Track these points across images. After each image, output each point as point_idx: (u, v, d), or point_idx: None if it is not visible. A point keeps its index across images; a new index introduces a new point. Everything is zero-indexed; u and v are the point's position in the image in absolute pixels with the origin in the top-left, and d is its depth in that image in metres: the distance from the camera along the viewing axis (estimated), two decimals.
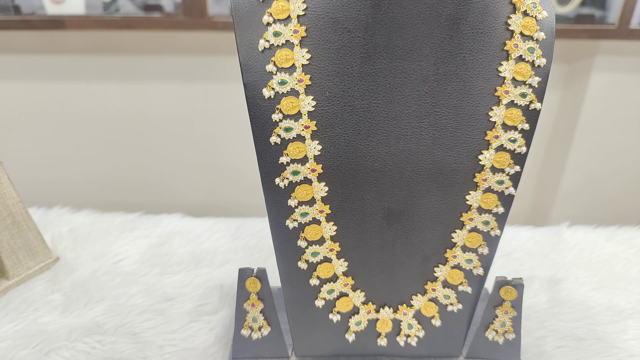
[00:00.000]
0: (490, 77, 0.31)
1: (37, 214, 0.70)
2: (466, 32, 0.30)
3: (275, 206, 0.34)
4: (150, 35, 0.97)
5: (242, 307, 0.42)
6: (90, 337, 0.48)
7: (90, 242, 0.65)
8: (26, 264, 0.57)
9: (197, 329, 0.50)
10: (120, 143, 1.09)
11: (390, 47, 0.30)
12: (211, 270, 0.60)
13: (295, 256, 0.37)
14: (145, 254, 0.63)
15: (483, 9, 0.30)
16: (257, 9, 0.30)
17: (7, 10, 0.94)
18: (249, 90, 0.31)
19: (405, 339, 0.42)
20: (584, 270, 0.62)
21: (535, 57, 0.31)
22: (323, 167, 0.33)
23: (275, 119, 0.31)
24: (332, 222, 0.35)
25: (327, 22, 0.30)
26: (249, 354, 0.44)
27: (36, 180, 1.11)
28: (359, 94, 0.31)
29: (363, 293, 0.39)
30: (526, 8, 0.30)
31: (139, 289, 0.55)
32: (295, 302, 0.40)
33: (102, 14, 0.96)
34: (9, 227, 0.55)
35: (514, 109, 0.32)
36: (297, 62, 0.30)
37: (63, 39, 0.97)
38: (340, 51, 0.30)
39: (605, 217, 1.18)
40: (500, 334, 0.43)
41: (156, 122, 1.06)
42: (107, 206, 0.77)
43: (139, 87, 1.02)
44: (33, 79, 1.01)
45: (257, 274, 0.41)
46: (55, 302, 0.53)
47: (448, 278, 0.38)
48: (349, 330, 0.41)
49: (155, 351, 0.47)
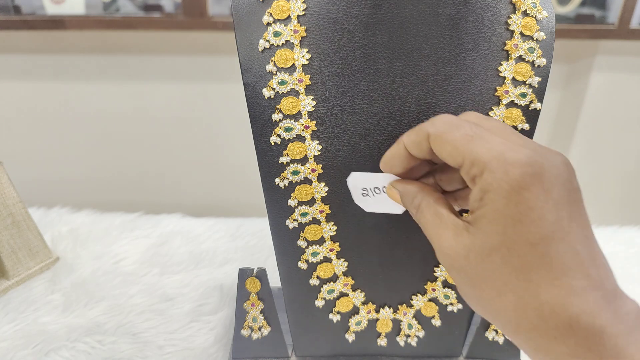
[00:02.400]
0: (490, 77, 0.31)
1: (37, 214, 0.70)
2: (466, 32, 0.30)
3: (275, 206, 0.34)
4: (150, 35, 0.97)
5: (242, 307, 0.42)
6: (90, 337, 0.48)
7: (90, 242, 0.65)
8: (26, 264, 0.57)
9: (197, 329, 0.50)
10: (120, 143, 1.09)
11: (390, 47, 0.30)
12: (211, 270, 0.60)
13: (295, 256, 0.37)
14: (145, 254, 0.63)
15: (483, 9, 0.30)
16: (257, 9, 0.30)
17: (7, 10, 0.94)
18: (249, 90, 0.31)
19: (405, 339, 0.42)
20: None
21: (535, 57, 0.31)
22: (323, 167, 0.33)
23: (275, 119, 0.31)
24: (332, 222, 0.35)
25: (327, 22, 0.30)
26: (249, 354, 0.44)
27: (36, 180, 1.12)
28: (359, 94, 0.31)
29: (363, 293, 0.39)
30: (526, 8, 0.30)
31: (139, 289, 0.56)
32: (295, 302, 0.40)
33: (102, 14, 0.96)
34: (9, 227, 0.55)
35: (514, 108, 0.32)
36: (297, 62, 0.30)
37: (63, 39, 0.97)
38: (340, 51, 0.30)
39: (605, 217, 1.19)
40: (500, 334, 0.43)
41: (156, 122, 1.06)
42: (107, 206, 0.77)
43: (139, 87, 1.02)
44: (33, 79, 1.01)
45: (257, 273, 0.41)
46: (55, 302, 0.53)
47: (448, 278, 0.38)
48: (349, 330, 0.41)
49: (155, 351, 0.47)
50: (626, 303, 0.20)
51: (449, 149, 0.23)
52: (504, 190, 0.20)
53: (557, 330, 0.20)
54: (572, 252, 0.20)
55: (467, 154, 0.22)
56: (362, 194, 0.30)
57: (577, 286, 0.20)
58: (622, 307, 0.20)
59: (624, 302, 0.20)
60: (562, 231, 0.20)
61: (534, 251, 0.20)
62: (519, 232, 0.20)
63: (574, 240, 0.20)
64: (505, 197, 0.20)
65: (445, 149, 0.23)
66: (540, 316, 0.20)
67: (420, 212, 0.26)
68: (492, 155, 0.21)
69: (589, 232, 0.21)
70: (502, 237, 0.21)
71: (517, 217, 0.20)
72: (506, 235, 0.20)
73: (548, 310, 0.20)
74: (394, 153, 0.27)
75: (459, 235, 0.23)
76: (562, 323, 0.20)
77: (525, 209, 0.20)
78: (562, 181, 0.20)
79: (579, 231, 0.20)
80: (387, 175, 0.29)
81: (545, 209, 0.20)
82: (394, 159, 0.27)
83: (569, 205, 0.20)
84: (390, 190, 0.29)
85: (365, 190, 0.30)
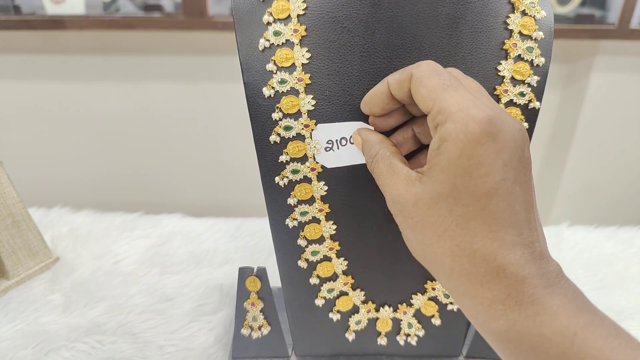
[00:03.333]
0: (489, 76, 0.31)
1: (37, 214, 0.70)
2: (465, 32, 0.30)
3: (275, 205, 0.34)
4: (150, 35, 0.97)
5: (242, 306, 0.42)
6: (90, 337, 0.48)
7: (90, 242, 0.65)
8: (26, 264, 0.57)
9: (197, 329, 0.50)
10: (120, 143, 1.09)
11: (390, 46, 0.30)
12: (211, 270, 0.60)
13: (295, 255, 0.37)
14: (145, 254, 0.63)
15: (482, 9, 0.30)
16: (257, 8, 0.30)
17: (7, 10, 0.94)
18: (249, 89, 0.31)
19: (405, 338, 0.42)
20: (584, 270, 0.62)
21: (534, 57, 0.31)
22: (322, 165, 0.33)
23: (275, 117, 0.31)
24: (331, 221, 0.35)
25: (327, 22, 0.30)
26: (249, 353, 0.44)
27: (36, 180, 1.12)
28: (359, 93, 0.31)
29: (363, 292, 0.39)
30: (525, 7, 0.30)
31: (139, 289, 0.56)
32: (295, 301, 0.40)
33: (102, 14, 0.96)
34: (9, 227, 0.55)
35: (513, 108, 0.32)
36: (297, 61, 0.30)
37: (63, 39, 0.97)
38: (340, 50, 0.30)
39: (605, 217, 1.19)
40: None
41: (156, 122, 1.06)
42: (107, 206, 0.77)
43: (139, 87, 1.03)
44: (33, 79, 1.01)
45: (257, 273, 0.41)
46: (55, 302, 0.53)
47: None
48: (349, 330, 0.41)
49: (155, 351, 0.47)
50: (550, 263, 0.22)
51: (424, 92, 0.24)
52: (460, 141, 0.21)
53: (485, 276, 0.22)
54: (511, 210, 0.22)
55: (438, 101, 0.23)
56: (326, 148, 0.32)
57: (508, 241, 0.22)
58: (545, 267, 0.22)
59: (548, 263, 0.22)
60: (505, 190, 0.22)
61: (476, 203, 0.22)
62: (466, 184, 0.22)
63: (514, 201, 0.22)
64: (460, 148, 0.21)
65: (420, 92, 0.24)
66: (472, 262, 0.22)
67: (375, 163, 0.27)
68: (459, 107, 0.22)
69: (530, 197, 0.23)
70: (450, 186, 0.22)
71: (467, 169, 0.21)
72: (454, 185, 0.22)
73: (480, 257, 0.22)
74: (376, 92, 0.28)
75: (411, 185, 0.24)
76: (491, 270, 0.22)
77: (475, 163, 0.21)
78: (514, 146, 0.22)
79: (520, 194, 0.22)
80: (354, 124, 0.30)
81: (494, 167, 0.21)
82: (375, 97, 0.28)
83: (516, 170, 0.22)
84: (355, 137, 0.30)
85: (329, 143, 0.32)
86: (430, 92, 0.23)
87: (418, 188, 0.24)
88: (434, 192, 0.23)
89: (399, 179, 0.25)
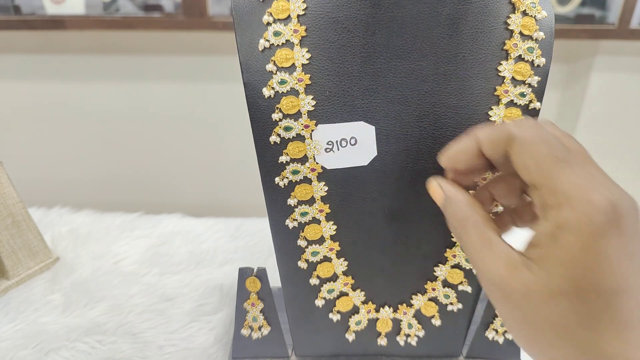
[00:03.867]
0: (490, 77, 0.31)
1: (37, 214, 0.70)
2: (466, 32, 0.30)
3: (275, 205, 0.34)
4: (150, 35, 0.97)
5: (242, 307, 0.42)
6: (90, 337, 0.48)
7: (90, 242, 0.65)
8: (26, 264, 0.57)
9: (197, 329, 0.50)
10: (120, 143, 1.09)
11: (390, 47, 0.30)
12: (211, 270, 0.60)
13: (295, 255, 0.37)
14: (145, 254, 0.63)
15: (482, 9, 0.30)
16: (257, 8, 0.30)
17: (7, 10, 0.94)
18: (249, 89, 0.31)
19: (405, 338, 0.42)
20: None
21: (535, 57, 0.31)
22: (322, 166, 0.33)
23: (275, 118, 0.31)
24: (332, 222, 0.35)
25: (327, 22, 0.30)
26: (249, 353, 0.44)
27: (36, 180, 1.12)
28: (359, 94, 0.31)
29: (363, 292, 0.39)
30: (525, 8, 0.30)
31: (139, 289, 0.56)
32: (295, 301, 0.40)
33: (102, 14, 0.96)
34: (9, 227, 0.55)
35: (513, 108, 0.32)
36: (297, 61, 0.30)
37: (63, 39, 0.97)
38: (340, 51, 0.30)
39: None
40: (500, 334, 0.43)
41: (156, 122, 1.06)
42: (107, 206, 0.77)
43: (139, 87, 1.03)
44: (33, 79, 1.01)
45: (257, 273, 0.41)
46: (55, 302, 0.53)
47: (448, 277, 0.38)
48: (349, 330, 0.41)
49: (155, 351, 0.47)
50: None
51: (531, 163, 0.21)
52: (583, 234, 0.19)
53: None
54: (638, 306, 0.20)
55: (550, 178, 0.20)
56: (326, 148, 0.31)
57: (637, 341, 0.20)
58: None
59: None
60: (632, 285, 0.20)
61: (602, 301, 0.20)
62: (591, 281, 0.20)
63: None
64: (583, 242, 0.19)
65: (525, 160, 0.21)
66: None
67: (464, 230, 0.24)
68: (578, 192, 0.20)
69: None
70: (571, 281, 0.20)
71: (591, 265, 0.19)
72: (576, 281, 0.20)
73: None
74: (462, 148, 0.25)
75: (516, 270, 0.22)
76: None
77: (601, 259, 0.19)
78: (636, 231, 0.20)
79: None
80: (354, 124, 0.29)
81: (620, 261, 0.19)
82: (461, 154, 0.25)
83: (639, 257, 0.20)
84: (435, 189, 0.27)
85: (330, 144, 0.31)
86: (538, 165, 0.21)
87: (528, 277, 0.21)
88: (552, 286, 0.20)
89: (498, 258, 0.22)
